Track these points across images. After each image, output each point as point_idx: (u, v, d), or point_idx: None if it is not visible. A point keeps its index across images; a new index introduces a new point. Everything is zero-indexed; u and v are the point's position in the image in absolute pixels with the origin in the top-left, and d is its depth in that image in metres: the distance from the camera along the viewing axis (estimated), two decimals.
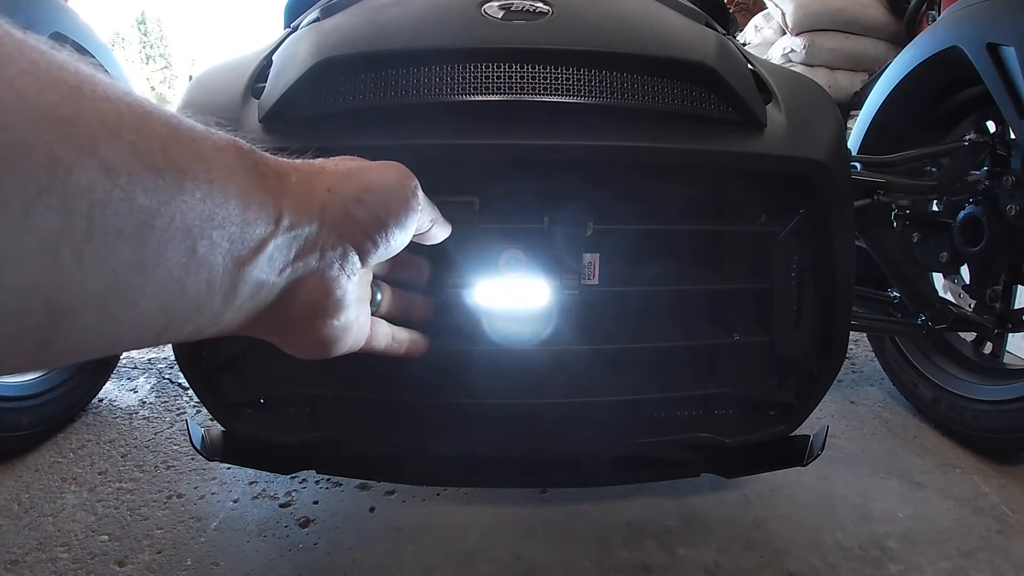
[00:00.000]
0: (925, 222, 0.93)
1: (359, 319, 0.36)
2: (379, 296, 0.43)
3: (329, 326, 0.33)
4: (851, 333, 0.62)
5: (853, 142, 1.03)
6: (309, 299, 0.31)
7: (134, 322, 0.23)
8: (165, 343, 0.26)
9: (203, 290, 0.25)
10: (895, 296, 0.91)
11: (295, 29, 0.62)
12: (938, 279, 1.07)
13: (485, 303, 0.51)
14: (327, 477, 0.83)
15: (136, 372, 1.19)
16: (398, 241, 0.35)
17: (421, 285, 0.49)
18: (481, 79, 0.49)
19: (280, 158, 0.31)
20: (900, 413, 1.04)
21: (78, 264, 0.19)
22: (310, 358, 0.35)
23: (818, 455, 0.59)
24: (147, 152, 0.21)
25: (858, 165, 0.80)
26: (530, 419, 0.57)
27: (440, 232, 0.43)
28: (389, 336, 0.44)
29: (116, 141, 0.20)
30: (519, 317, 0.52)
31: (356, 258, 0.33)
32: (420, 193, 0.37)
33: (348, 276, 0.33)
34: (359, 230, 0.32)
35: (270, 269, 0.28)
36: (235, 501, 0.79)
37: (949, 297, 0.96)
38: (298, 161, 0.33)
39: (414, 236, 0.38)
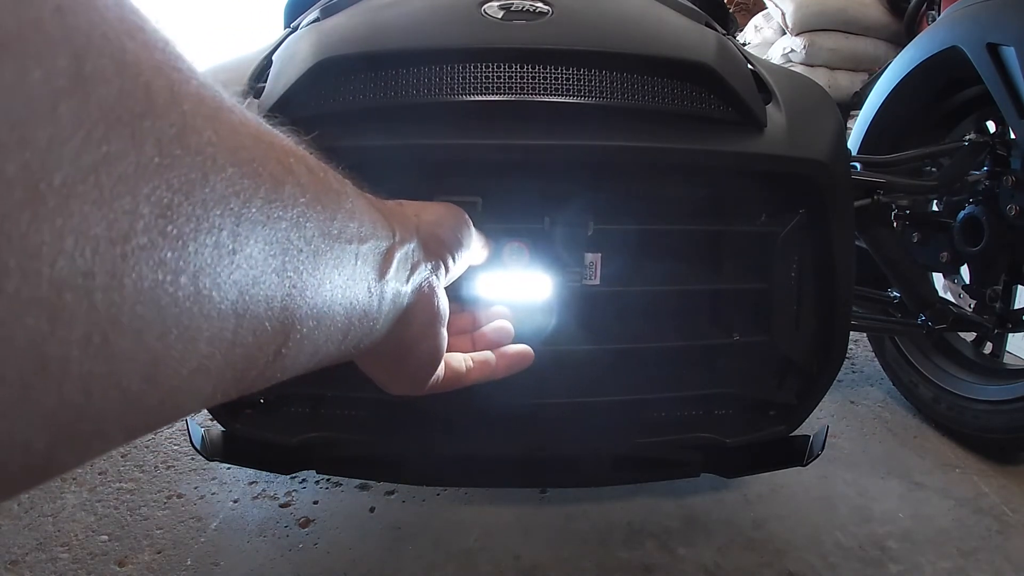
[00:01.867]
0: (925, 222, 0.93)
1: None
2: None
3: (440, 335, 0.36)
4: (851, 333, 0.62)
5: (853, 142, 1.03)
6: (425, 306, 0.34)
7: (329, 332, 0.25)
8: (334, 360, 0.27)
9: (366, 298, 0.27)
10: (895, 296, 0.91)
11: (295, 29, 0.62)
12: (938, 279, 1.07)
13: (488, 302, 0.51)
14: (327, 477, 0.83)
15: None
16: (464, 262, 0.39)
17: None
18: (481, 79, 0.49)
19: None
20: (900, 413, 1.04)
21: (297, 274, 0.22)
22: (415, 384, 0.38)
23: (818, 455, 0.59)
24: (321, 179, 0.25)
25: (858, 165, 0.80)
26: (530, 419, 0.57)
27: (484, 253, 0.46)
28: (464, 360, 0.44)
29: (308, 174, 0.23)
30: (521, 317, 0.52)
31: (443, 272, 0.36)
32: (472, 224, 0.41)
33: (440, 287, 0.36)
34: (443, 248, 0.36)
35: (399, 278, 0.31)
36: (235, 501, 0.79)
37: (949, 297, 0.96)
38: None
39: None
